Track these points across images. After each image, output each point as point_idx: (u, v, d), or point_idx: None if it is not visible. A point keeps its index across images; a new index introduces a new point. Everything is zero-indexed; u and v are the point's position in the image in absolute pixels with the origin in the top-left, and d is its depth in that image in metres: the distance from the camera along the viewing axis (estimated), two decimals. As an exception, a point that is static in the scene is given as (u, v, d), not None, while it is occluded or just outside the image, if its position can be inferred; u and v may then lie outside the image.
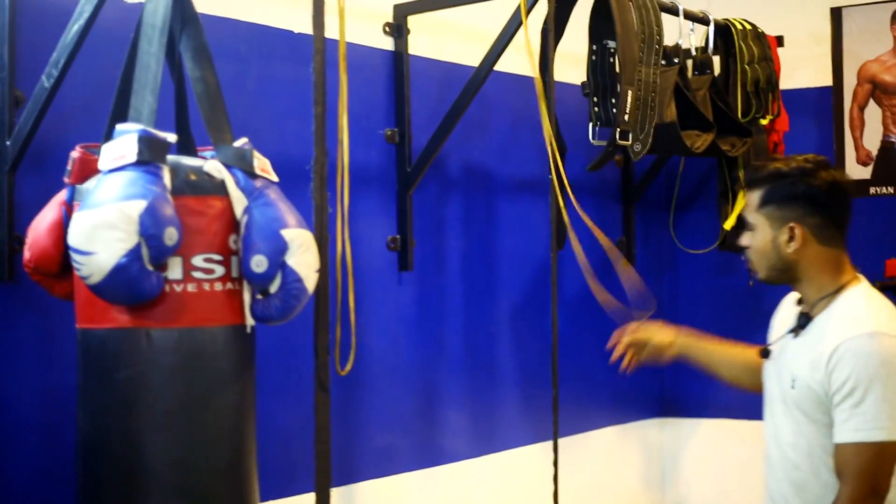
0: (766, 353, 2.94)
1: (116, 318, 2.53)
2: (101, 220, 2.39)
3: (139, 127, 2.50)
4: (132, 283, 2.43)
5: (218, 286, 2.59)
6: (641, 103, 4.00)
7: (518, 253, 4.70)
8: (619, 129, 3.92)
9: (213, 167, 2.61)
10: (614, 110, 4.05)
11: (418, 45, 4.24)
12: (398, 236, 4.16)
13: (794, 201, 2.72)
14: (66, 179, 2.64)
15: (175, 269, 2.53)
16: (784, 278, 2.80)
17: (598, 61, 4.18)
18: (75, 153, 2.63)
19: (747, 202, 2.80)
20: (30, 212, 2.79)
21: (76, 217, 2.43)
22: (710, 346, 3.25)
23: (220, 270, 2.59)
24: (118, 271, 2.40)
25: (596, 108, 4.09)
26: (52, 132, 2.99)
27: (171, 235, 2.44)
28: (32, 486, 3.06)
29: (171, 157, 2.56)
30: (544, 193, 4.03)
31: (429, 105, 4.22)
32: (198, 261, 2.56)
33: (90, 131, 2.81)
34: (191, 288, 2.55)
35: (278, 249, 2.58)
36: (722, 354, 3.22)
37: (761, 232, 2.76)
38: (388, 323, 4.17)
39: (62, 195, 2.65)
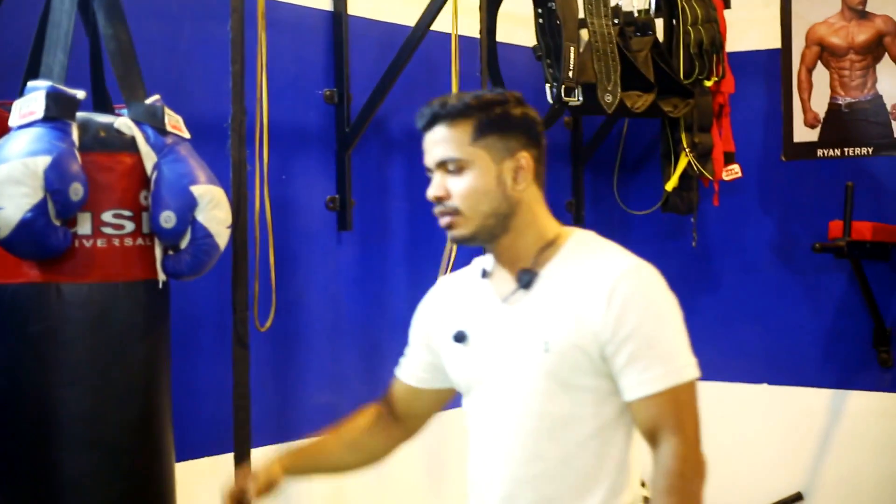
0: (460, 337, 2.32)
1: (27, 272, 2.57)
2: (7, 175, 2.43)
3: (48, 84, 2.52)
4: (38, 238, 2.47)
5: (128, 241, 2.62)
6: (602, 54, 4.03)
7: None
8: (563, 87, 3.95)
9: (124, 124, 2.64)
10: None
11: (358, 6, 4.24)
12: (337, 196, 4.18)
13: (517, 129, 2.23)
14: (-23, 135, 2.66)
15: (84, 225, 2.57)
16: (498, 228, 2.23)
17: (546, 23, 4.19)
18: (-10, 109, 2.65)
19: (444, 139, 2.21)
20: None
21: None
22: (311, 449, 2.55)
23: (130, 226, 2.62)
24: (24, 226, 2.44)
25: (551, 70, 4.10)
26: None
27: (76, 191, 2.47)
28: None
29: (81, 114, 2.59)
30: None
31: (369, 66, 4.23)
32: (107, 216, 2.59)
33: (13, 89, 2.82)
34: (101, 243, 2.59)
35: (187, 205, 2.62)
36: (327, 446, 2.55)
37: (481, 168, 2.19)
38: (327, 282, 4.19)
39: (-27, 150, 2.67)
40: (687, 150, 4.66)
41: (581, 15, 4.17)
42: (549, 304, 2.21)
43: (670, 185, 4.67)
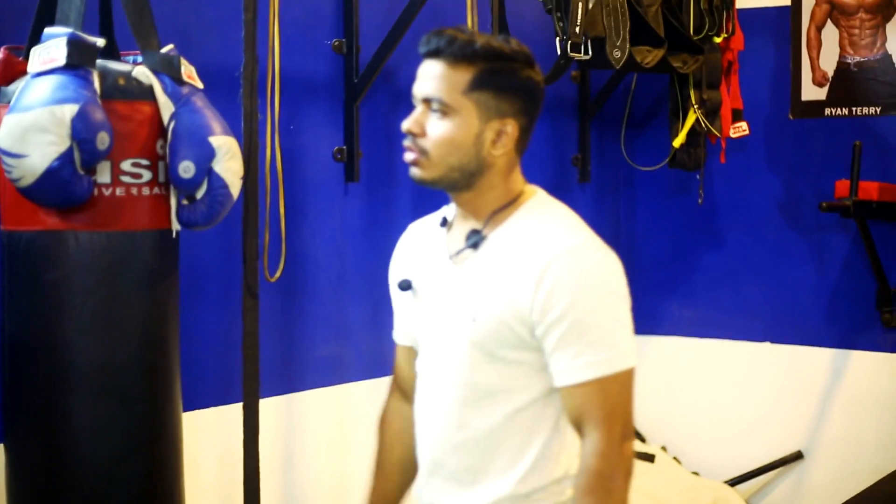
0: (406, 285, 2.27)
1: (45, 220, 2.57)
2: (33, 122, 2.42)
3: (68, 30, 2.51)
4: (64, 187, 2.46)
5: (145, 191, 2.62)
6: (612, 9, 4.02)
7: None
8: (570, 42, 3.94)
9: (142, 72, 2.62)
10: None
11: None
12: (344, 147, 4.17)
13: (516, 93, 2.12)
14: (-9, 81, 2.65)
15: (104, 174, 2.56)
16: (461, 183, 2.14)
17: (555, -25, 4.18)
18: (0, 54, 2.63)
19: (439, 77, 2.12)
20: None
21: (6, 119, 2.46)
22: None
23: (147, 175, 2.62)
24: (50, 174, 2.43)
25: (561, 24, 4.08)
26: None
27: (102, 140, 2.46)
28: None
29: (99, 62, 2.58)
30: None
31: (378, 16, 4.21)
32: (126, 165, 2.59)
33: (21, 33, 2.80)
34: (119, 192, 2.58)
35: (206, 156, 2.61)
36: (386, 488, 2.46)
37: (464, 121, 2.08)
38: (333, 233, 4.19)
39: (-11, 96, 2.66)
40: (695, 106, 4.66)
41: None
42: (486, 273, 2.12)
43: (678, 142, 4.68)
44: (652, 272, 5.48)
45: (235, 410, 3.29)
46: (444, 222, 2.25)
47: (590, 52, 4.03)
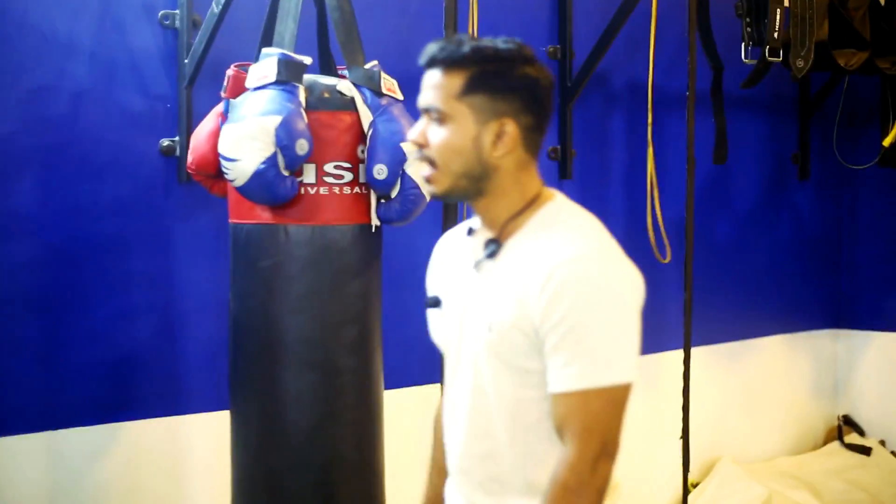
0: (435, 303, 2.27)
1: (260, 215, 2.96)
2: (244, 131, 2.82)
3: (280, 51, 2.90)
4: (269, 186, 2.85)
5: (346, 190, 2.97)
6: (800, 20, 4.16)
7: (677, 165, 4.87)
8: (768, 47, 4.10)
9: (345, 86, 2.99)
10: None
11: (581, -35, 4.49)
12: (558, 147, 4.46)
13: (512, 92, 2.07)
14: (222, 94, 3.07)
15: (309, 175, 2.93)
16: (472, 190, 2.11)
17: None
18: (230, 71, 3.05)
19: (435, 86, 2.10)
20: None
21: (225, 128, 2.87)
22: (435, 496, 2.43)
23: (348, 176, 2.97)
24: (257, 176, 2.83)
25: (749, 29, 4.25)
26: (222, 52, 3.41)
27: (302, 146, 2.83)
28: (205, 354, 3.58)
29: (308, 77, 2.96)
30: (708, 108, 4.23)
31: (590, 22, 4.47)
32: (329, 167, 2.95)
33: (251, 51, 3.21)
34: (323, 191, 2.95)
35: (398, 159, 2.95)
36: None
37: (461, 126, 2.07)
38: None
39: (220, 107, 3.07)
40: (905, 106, 4.71)
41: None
42: (500, 281, 2.10)
43: (887, 141, 4.73)
44: (874, 268, 5.53)
45: (435, 390, 3.58)
46: (471, 231, 2.24)
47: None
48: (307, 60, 2.94)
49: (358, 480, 3.10)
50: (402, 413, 3.76)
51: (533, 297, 2.01)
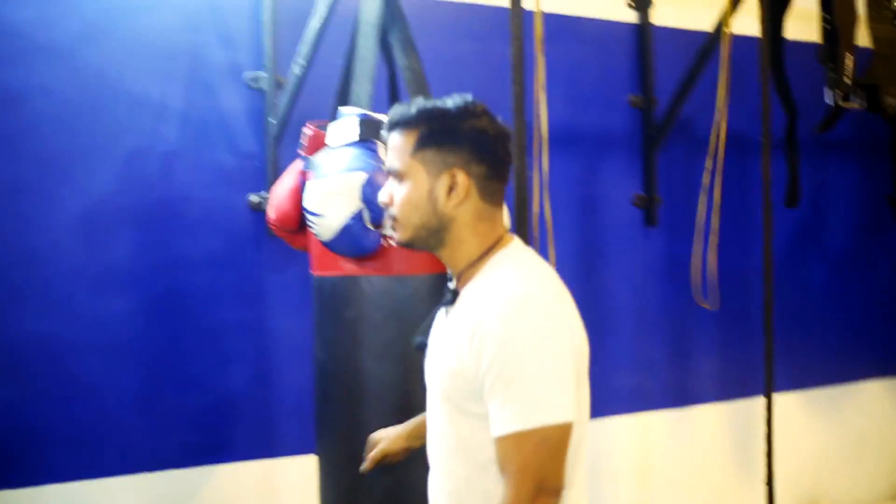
0: (421, 346, 2.40)
1: (344, 267, 3.09)
2: (331, 188, 2.96)
3: (360, 111, 3.04)
4: (355, 240, 2.98)
5: (424, 241, 3.10)
6: (884, 58, 4.20)
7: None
8: (841, 92, 4.15)
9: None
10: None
11: (661, 16, 4.58)
12: (644, 194, 4.56)
13: (459, 145, 2.18)
14: (300, 151, 3.22)
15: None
16: (432, 241, 2.22)
17: (829, 28, 4.39)
18: (308, 130, 3.20)
19: (394, 147, 2.23)
20: (288, 177, 3.39)
21: (310, 185, 3.01)
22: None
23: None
24: (344, 230, 2.96)
25: (832, 74, 4.30)
26: (304, 111, 3.58)
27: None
28: (293, 399, 3.72)
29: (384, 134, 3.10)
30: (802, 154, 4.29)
31: (673, 72, 4.55)
32: (407, 220, 3.08)
33: (328, 110, 3.37)
34: (401, 243, 3.08)
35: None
36: None
37: (416, 181, 2.19)
38: (633, 272, 4.58)
39: (298, 164, 3.22)
40: None
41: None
42: (452, 328, 2.19)
43: None
44: None
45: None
46: (450, 277, 2.31)
47: (864, 102, 4.21)
48: (384, 118, 3.08)
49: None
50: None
51: (466, 345, 2.10)
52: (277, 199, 3.25)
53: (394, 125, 2.23)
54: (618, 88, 4.50)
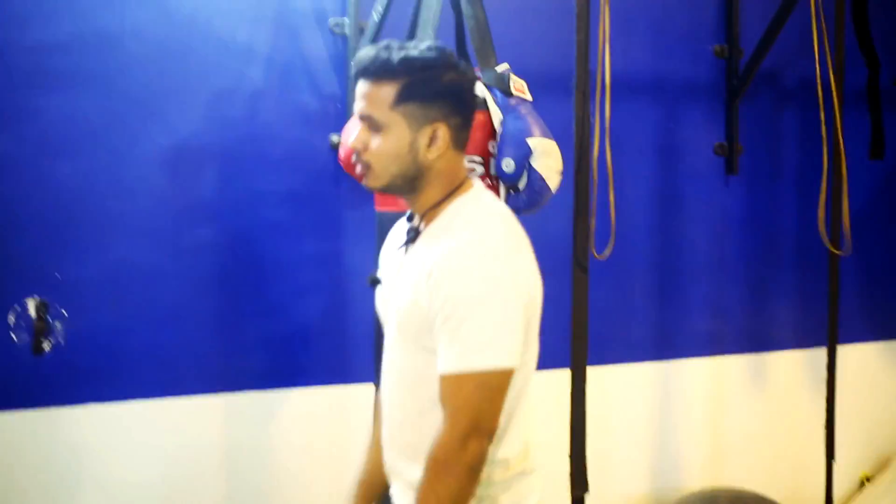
0: (375, 281, 2.47)
1: (399, 203, 3.25)
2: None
3: (419, 55, 3.21)
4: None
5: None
6: None
7: (848, 161, 4.91)
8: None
9: (478, 88, 3.27)
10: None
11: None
12: (725, 143, 4.62)
13: (441, 98, 2.24)
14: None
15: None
16: (405, 187, 2.31)
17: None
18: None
19: (370, 96, 2.23)
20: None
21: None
22: (365, 479, 2.63)
23: (480, 169, 3.25)
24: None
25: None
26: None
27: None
28: (365, 329, 3.91)
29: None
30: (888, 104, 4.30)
31: (759, 22, 4.59)
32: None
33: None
34: (456, 182, 3.24)
35: (524, 154, 3.21)
36: (374, 466, 2.61)
37: (396, 134, 2.23)
38: (713, 221, 4.66)
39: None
40: None
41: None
42: (409, 266, 2.28)
43: None
44: None
45: (563, 375, 3.79)
46: (411, 217, 2.41)
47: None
48: (443, 64, 3.24)
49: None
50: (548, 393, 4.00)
51: (422, 284, 2.18)
52: (346, 138, 3.44)
53: (367, 72, 2.24)
54: (702, 37, 4.58)
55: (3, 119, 3.46)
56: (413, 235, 2.34)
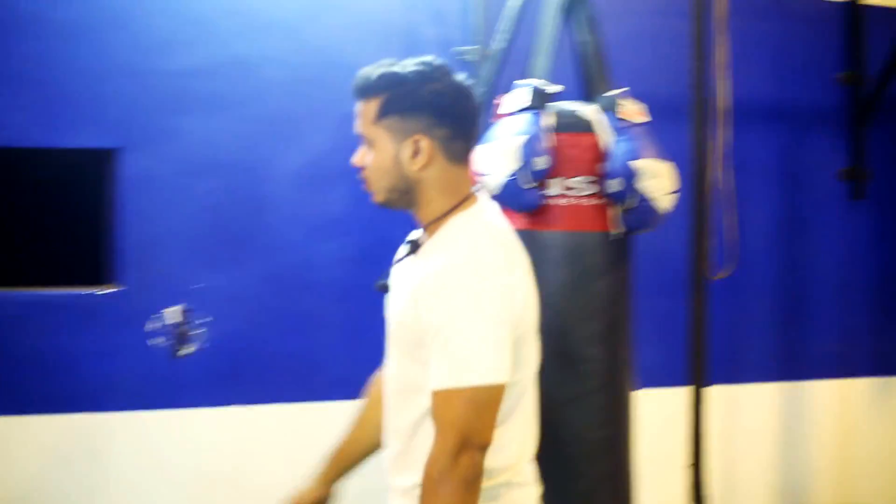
0: (383, 288, 2.51)
1: (515, 222, 3.40)
2: (497, 149, 3.31)
3: (531, 82, 3.37)
4: (515, 196, 3.32)
5: (588, 201, 3.39)
6: None
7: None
8: None
9: (590, 111, 3.42)
10: None
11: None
12: (849, 168, 4.66)
13: (420, 110, 2.27)
14: (490, 119, 3.56)
15: (555, 187, 3.38)
16: (405, 201, 2.35)
17: None
18: (497, 101, 3.55)
19: (360, 114, 2.32)
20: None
21: (480, 148, 3.36)
22: (343, 448, 2.73)
23: (590, 189, 3.39)
24: (505, 187, 3.31)
25: None
26: (505, 82, 3.92)
27: (539, 163, 3.28)
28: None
29: (560, 104, 3.40)
30: None
31: (882, 49, 4.64)
32: (573, 182, 3.37)
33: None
34: (566, 202, 3.38)
35: (630, 175, 3.34)
36: (353, 440, 2.72)
37: (382, 147, 2.29)
38: (838, 244, 4.69)
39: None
40: None
41: None
42: (408, 278, 2.32)
43: None
44: None
45: (679, 393, 3.88)
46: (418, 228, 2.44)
47: None
48: (555, 89, 3.39)
49: (602, 459, 3.48)
50: (656, 411, 4.09)
51: (411, 300, 2.24)
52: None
53: (357, 92, 2.32)
54: (824, 64, 4.63)
55: (148, 140, 3.73)
56: (413, 248, 2.41)
